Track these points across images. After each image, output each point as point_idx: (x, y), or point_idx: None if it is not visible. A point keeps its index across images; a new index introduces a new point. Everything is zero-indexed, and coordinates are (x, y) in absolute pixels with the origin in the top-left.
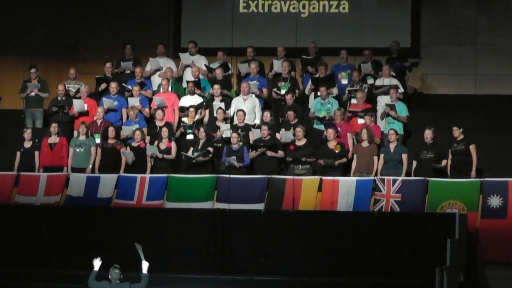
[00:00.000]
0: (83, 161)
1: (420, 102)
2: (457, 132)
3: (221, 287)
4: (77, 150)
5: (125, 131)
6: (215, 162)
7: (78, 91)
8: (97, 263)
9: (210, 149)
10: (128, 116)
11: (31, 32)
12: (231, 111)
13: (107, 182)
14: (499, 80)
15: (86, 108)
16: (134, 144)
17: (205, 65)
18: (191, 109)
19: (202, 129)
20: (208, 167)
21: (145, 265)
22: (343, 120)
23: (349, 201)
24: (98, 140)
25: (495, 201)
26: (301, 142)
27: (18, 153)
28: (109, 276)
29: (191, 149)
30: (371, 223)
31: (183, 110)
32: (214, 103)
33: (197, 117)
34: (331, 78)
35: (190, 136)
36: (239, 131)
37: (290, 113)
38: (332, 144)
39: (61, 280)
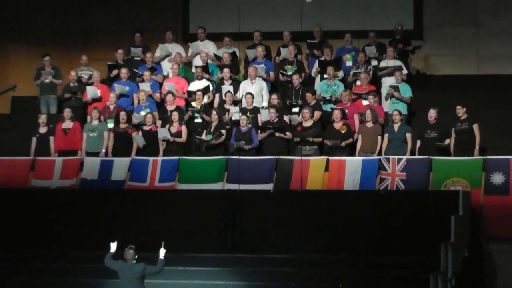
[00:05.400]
0: (96, 145)
1: (423, 83)
2: (460, 111)
3: (232, 265)
4: (90, 134)
5: (136, 118)
6: (227, 144)
7: (90, 77)
8: (113, 246)
9: (223, 131)
10: (139, 101)
11: (44, 20)
12: (239, 94)
13: (120, 165)
14: (500, 60)
15: (99, 94)
16: (146, 128)
17: (214, 53)
18: (199, 93)
19: (214, 112)
20: (221, 149)
21: (162, 252)
22: (349, 101)
23: (356, 180)
24: (111, 125)
25: (497, 178)
26: (308, 123)
27: (34, 139)
28: (124, 257)
29: (204, 132)
30: (377, 201)
31: (191, 94)
32: (223, 86)
33: (205, 100)
34: (337, 61)
35: (198, 120)
36: (248, 113)
37: (309, 95)
38: (338, 125)
39: (76, 261)
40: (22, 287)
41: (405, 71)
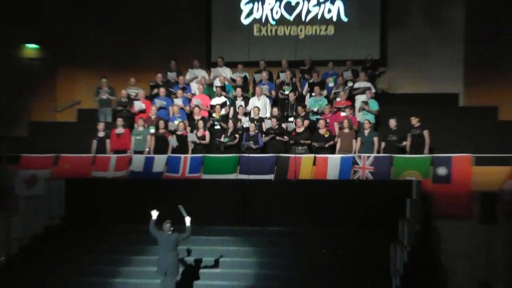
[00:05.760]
0: (141, 146)
1: (387, 99)
2: (414, 121)
3: (242, 235)
4: (137, 137)
5: (171, 125)
6: (239, 145)
7: (137, 94)
8: (154, 213)
9: (236, 135)
10: (173, 112)
11: (102, 51)
12: (249, 108)
13: (160, 161)
14: (445, 82)
15: (143, 107)
16: (179, 133)
17: (230, 77)
18: (217, 107)
19: (230, 121)
20: (235, 149)
21: (187, 220)
22: (331, 113)
23: (336, 172)
24: (152, 130)
25: (442, 170)
26: (300, 129)
27: (94, 141)
28: (163, 229)
29: (223, 136)
30: (352, 188)
31: (212, 107)
32: (236, 101)
33: (222, 112)
34: (322, 83)
35: (218, 127)
36: (255, 122)
37: (300, 108)
38: (322, 131)
39: (126, 232)
40: (83, 252)
41: (373, 90)
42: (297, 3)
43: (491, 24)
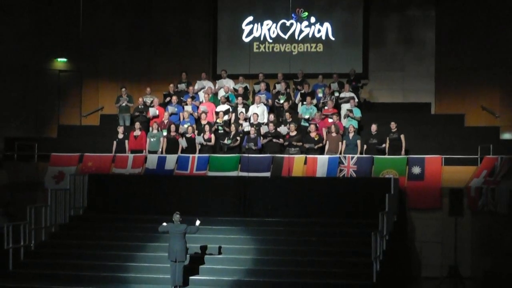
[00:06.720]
0: (155, 147)
1: (368, 107)
2: (393, 126)
3: (242, 225)
4: (152, 139)
5: (181, 129)
6: (240, 146)
7: (152, 102)
8: (164, 224)
9: (238, 138)
10: (183, 117)
11: (122, 65)
12: (249, 114)
13: (171, 160)
14: (418, 93)
15: (157, 113)
16: (188, 135)
17: (233, 87)
18: (221, 113)
19: (232, 125)
20: (236, 149)
21: (198, 222)
22: (320, 119)
23: (324, 170)
24: (165, 133)
25: (416, 169)
26: (293, 133)
27: (114, 142)
28: (173, 219)
29: (226, 138)
30: (338, 184)
31: (217, 113)
32: (238, 108)
33: (225, 118)
34: (313, 93)
35: (222, 130)
36: (254, 126)
37: (288, 114)
38: (313, 134)
39: (141, 222)
40: (103, 239)
41: (356, 100)
42: (291, 24)
43: (457, 44)
